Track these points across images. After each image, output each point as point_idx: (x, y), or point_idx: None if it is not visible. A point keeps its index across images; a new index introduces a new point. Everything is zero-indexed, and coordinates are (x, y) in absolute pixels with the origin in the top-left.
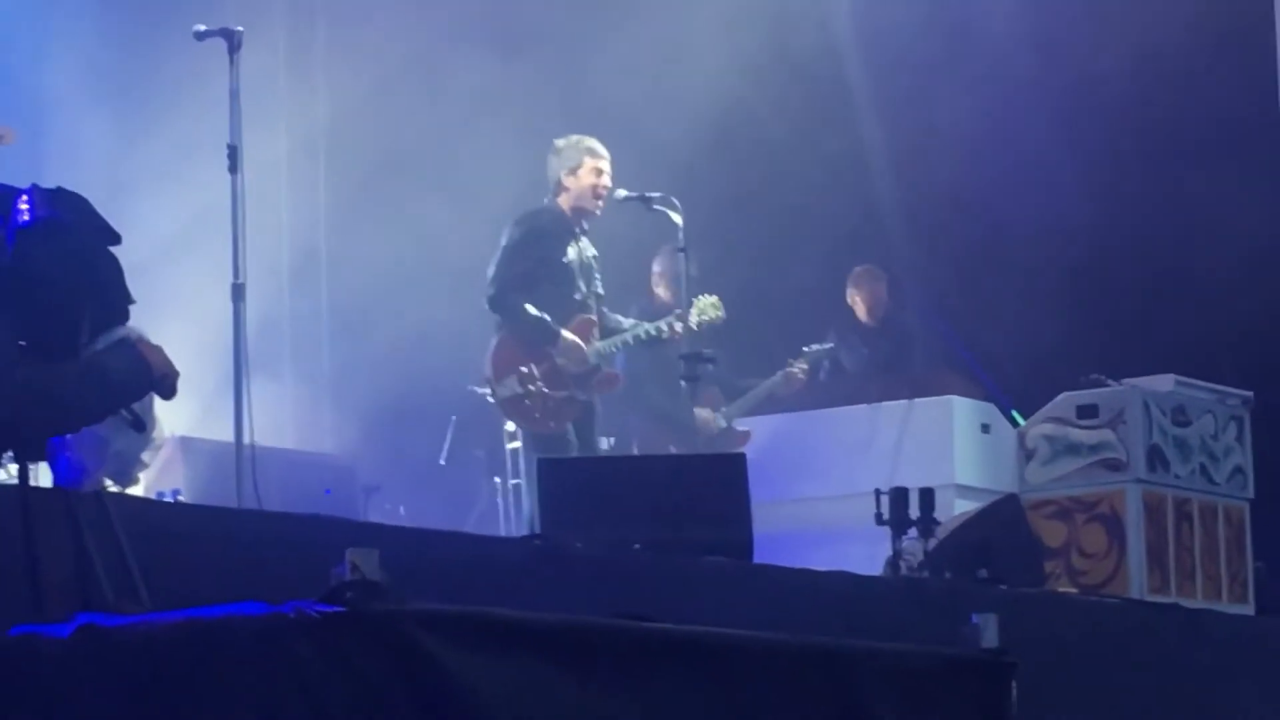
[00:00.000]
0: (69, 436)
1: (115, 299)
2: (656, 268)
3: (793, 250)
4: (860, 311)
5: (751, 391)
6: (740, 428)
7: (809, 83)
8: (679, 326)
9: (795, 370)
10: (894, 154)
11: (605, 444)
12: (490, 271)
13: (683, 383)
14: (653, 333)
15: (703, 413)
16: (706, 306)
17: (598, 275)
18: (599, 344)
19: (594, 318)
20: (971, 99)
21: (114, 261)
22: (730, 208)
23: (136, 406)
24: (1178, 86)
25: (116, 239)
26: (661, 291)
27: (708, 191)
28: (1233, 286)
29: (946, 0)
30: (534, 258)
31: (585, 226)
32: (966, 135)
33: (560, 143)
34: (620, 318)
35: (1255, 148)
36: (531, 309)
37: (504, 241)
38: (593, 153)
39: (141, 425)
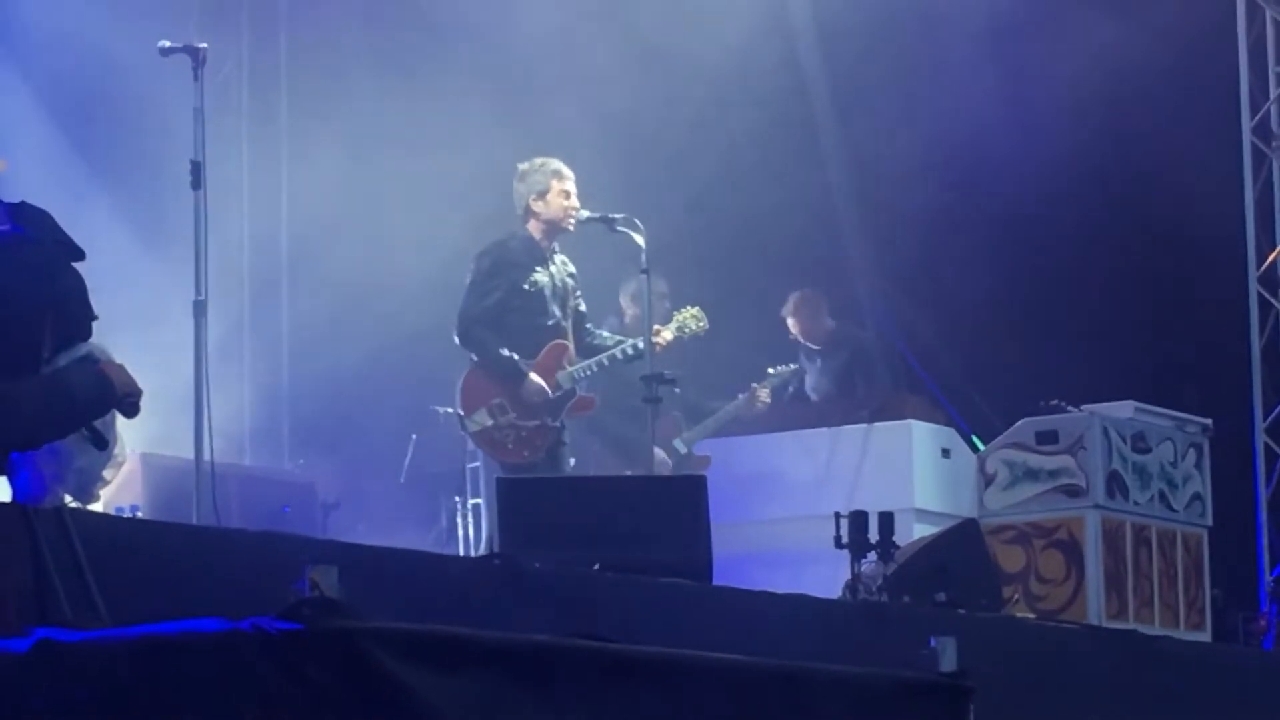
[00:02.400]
0: (30, 453)
1: (78, 314)
2: (627, 294)
3: (754, 270)
4: (798, 336)
5: (715, 415)
6: (700, 453)
7: (771, 103)
8: (658, 342)
9: (759, 393)
10: (857, 175)
11: (569, 464)
12: (459, 307)
13: (644, 403)
14: (629, 352)
15: (659, 453)
16: (688, 319)
17: (578, 293)
18: (572, 368)
19: (565, 342)
20: (935, 118)
21: (77, 277)
22: (690, 228)
23: (99, 424)
24: (1144, 105)
25: (80, 255)
26: (632, 315)
27: (669, 211)
28: (1194, 313)
29: (909, 12)
30: (501, 288)
31: (556, 248)
32: (929, 156)
33: (524, 166)
34: (605, 334)
35: (1221, 169)
36: (499, 349)
37: (469, 276)
38: (559, 175)
39: (104, 443)
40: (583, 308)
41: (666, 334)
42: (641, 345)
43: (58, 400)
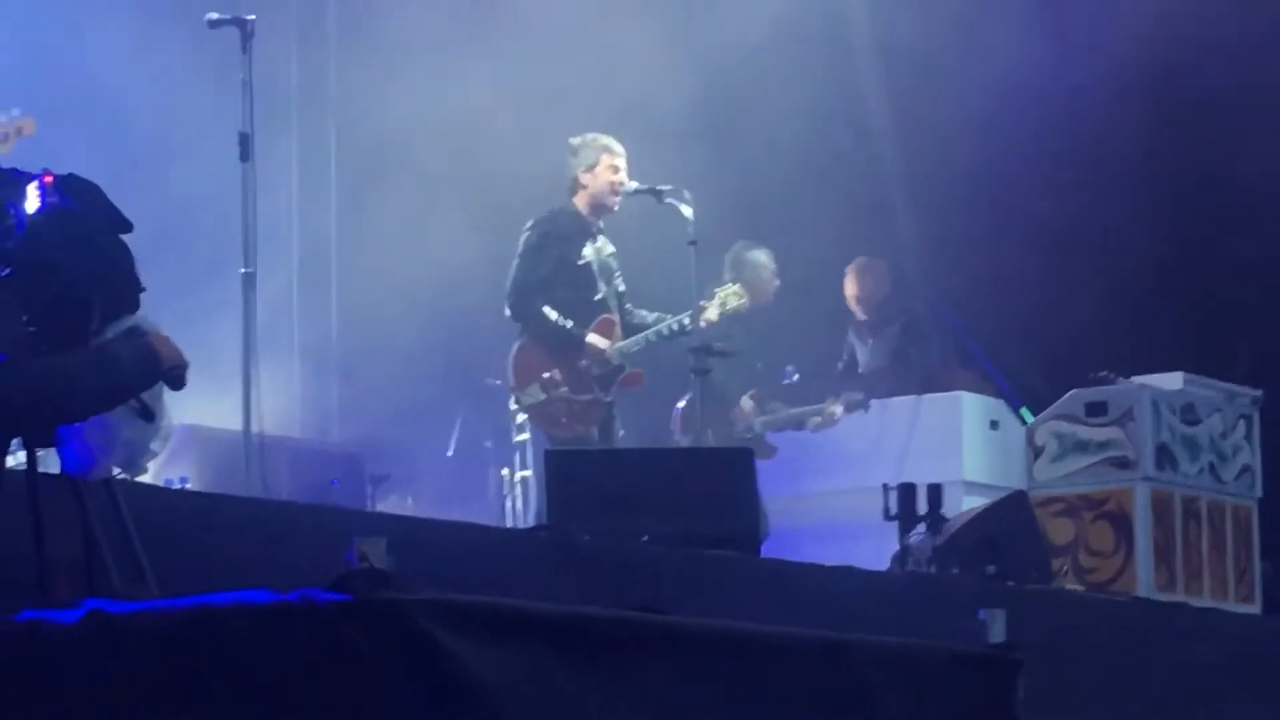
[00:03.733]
0: (78, 425)
1: (125, 287)
2: (727, 263)
3: (802, 243)
4: (850, 304)
5: (790, 413)
6: (771, 442)
7: (820, 72)
8: (702, 319)
9: (833, 410)
10: (906, 147)
11: (618, 438)
12: (509, 278)
13: (693, 374)
14: (675, 328)
15: (746, 403)
16: (729, 295)
17: (618, 273)
18: (621, 343)
19: (614, 317)
20: (985, 90)
21: (124, 249)
22: (736, 203)
23: (145, 396)
24: (1189, 79)
25: (128, 227)
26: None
27: (717, 183)
28: (1244, 284)
29: None
30: (551, 261)
31: (602, 225)
32: (978, 128)
33: (575, 141)
34: (645, 313)
35: (1266, 144)
36: (553, 315)
37: (520, 247)
38: (609, 150)
39: (150, 415)
40: (623, 288)
41: (712, 311)
42: (688, 322)
43: (104, 373)
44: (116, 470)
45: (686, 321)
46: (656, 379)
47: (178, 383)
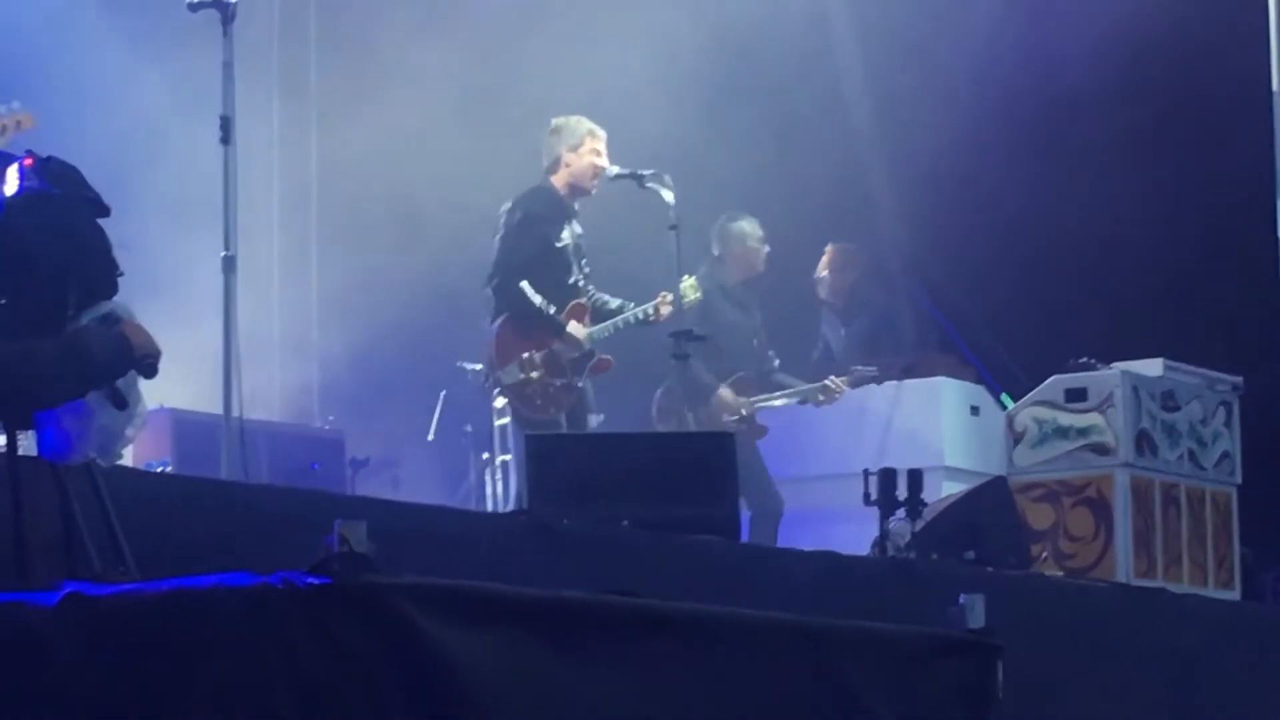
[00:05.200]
0: (54, 410)
1: (103, 271)
2: (714, 235)
3: (781, 230)
4: (819, 289)
5: (786, 391)
6: (761, 422)
7: (800, 60)
8: (665, 309)
9: (835, 385)
10: (885, 135)
11: (594, 421)
12: (492, 258)
13: (674, 359)
14: (641, 316)
15: (725, 393)
16: (686, 288)
17: (584, 256)
18: (592, 329)
19: (584, 303)
20: (965, 79)
21: (101, 234)
22: (719, 187)
23: (120, 383)
24: (1166, 73)
25: (105, 211)
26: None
27: (698, 170)
28: (1223, 270)
29: None
30: (535, 241)
31: (577, 208)
32: (958, 117)
33: (559, 121)
34: (607, 297)
35: (1245, 132)
36: (537, 299)
37: (501, 228)
38: (593, 133)
39: (123, 403)
40: (588, 269)
41: (667, 307)
42: (652, 311)
43: (74, 360)
44: (92, 456)
45: (652, 310)
46: (639, 363)
47: (150, 371)
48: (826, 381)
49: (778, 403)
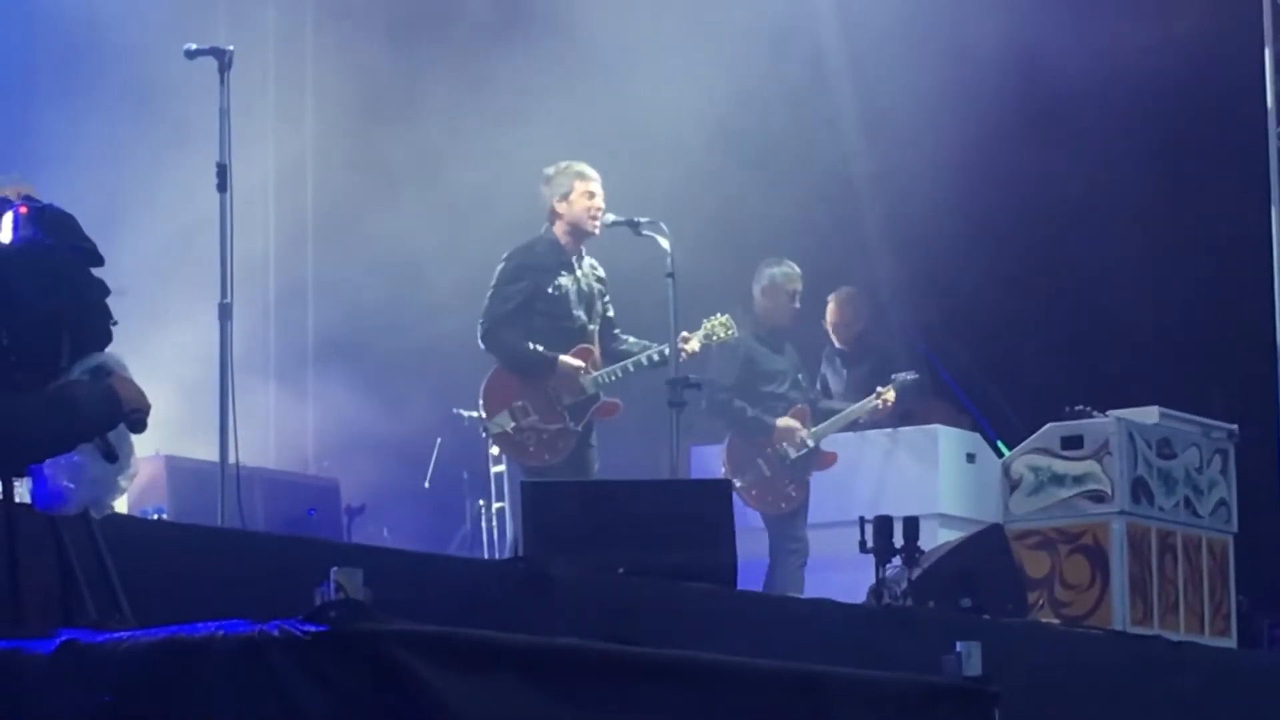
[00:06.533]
0: (47, 461)
1: (97, 322)
2: (758, 285)
3: None
4: (830, 332)
5: (842, 413)
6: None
7: (798, 107)
8: (685, 349)
9: (885, 395)
10: (883, 181)
11: (594, 468)
12: (483, 309)
13: (670, 407)
14: (655, 358)
15: (790, 422)
16: (717, 326)
17: (604, 299)
18: (596, 373)
19: (591, 346)
20: (960, 128)
21: (97, 283)
22: (716, 234)
23: (111, 435)
24: (1165, 114)
25: (99, 261)
26: (761, 306)
27: (696, 216)
28: (1220, 319)
29: (936, 22)
30: (524, 292)
31: (583, 251)
32: (955, 163)
33: (550, 170)
34: (633, 340)
35: (1241, 181)
36: (523, 344)
37: (494, 279)
38: (582, 176)
39: (113, 456)
40: (610, 313)
41: (694, 343)
42: (667, 352)
43: (62, 414)
44: (85, 507)
45: (667, 352)
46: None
47: (138, 426)
48: (879, 390)
49: (839, 427)
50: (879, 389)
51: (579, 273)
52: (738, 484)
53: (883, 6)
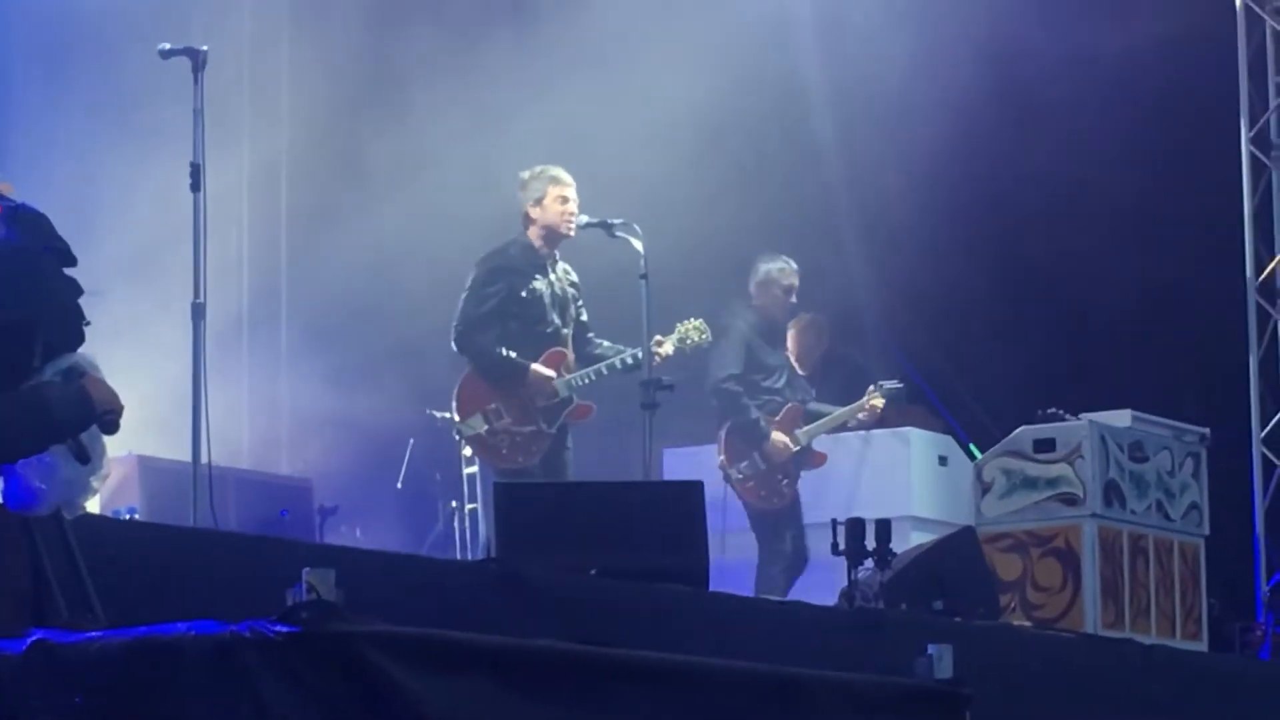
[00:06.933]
0: (20, 462)
1: (69, 322)
2: (755, 280)
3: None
4: (791, 360)
5: (831, 415)
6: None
7: (775, 116)
8: (659, 353)
9: (873, 399)
10: (857, 190)
11: (569, 470)
12: (456, 313)
13: (642, 409)
14: (629, 361)
15: (779, 437)
16: (690, 330)
17: (577, 303)
18: (569, 376)
19: (564, 350)
20: (934, 129)
21: (70, 283)
22: (693, 238)
23: (83, 436)
24: (1140, 120)
25: (72, 261)
26: (759, 301)
27: (670, 219)
28: (1192, 323)
29: (912, 22)
30: (498, 295)
31: (558, 256)
32: (928, 169)
33: (524, 175)
34: (607, 344)
35: (1215, 183)
36: (496, 349)
37: (468, 282)
38: (556, 180)
39: (86, 457)
40: (584, 317)
41: (668, 346)
42: (640, 355)
43: (33, 415)
44: (57, 508)
45: (640, 355)
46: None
47: (111, 427)
48: (870, 391)
49: (830, 428)
50: (870, 388)
51: (553, 277)
52: (734, 475)
53: (860, 7)
